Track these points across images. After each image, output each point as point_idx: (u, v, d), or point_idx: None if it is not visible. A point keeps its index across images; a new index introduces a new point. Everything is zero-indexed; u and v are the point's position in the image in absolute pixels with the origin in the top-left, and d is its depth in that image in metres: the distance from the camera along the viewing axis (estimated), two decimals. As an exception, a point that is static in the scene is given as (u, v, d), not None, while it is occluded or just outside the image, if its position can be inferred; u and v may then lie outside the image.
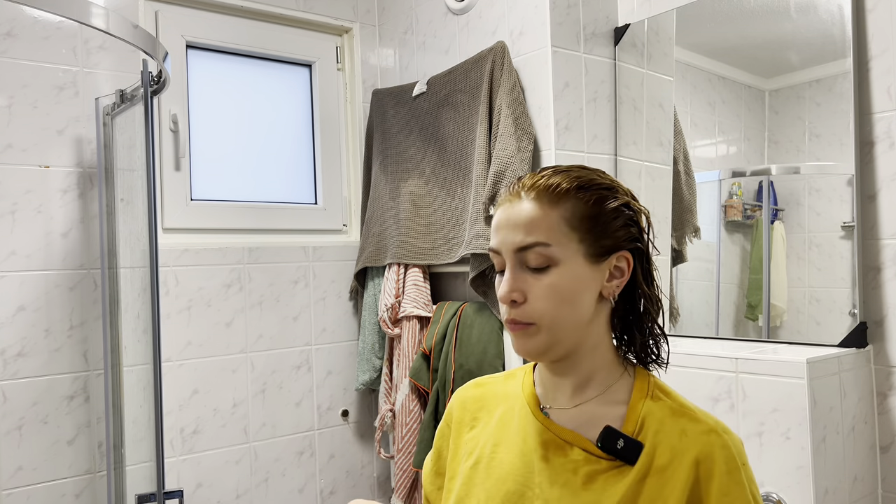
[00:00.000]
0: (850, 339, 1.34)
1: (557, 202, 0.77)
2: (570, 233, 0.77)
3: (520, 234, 0.77)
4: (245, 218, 2.07)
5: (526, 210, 0.78)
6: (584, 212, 0.77)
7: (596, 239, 0.77)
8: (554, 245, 0.76)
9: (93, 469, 1.77)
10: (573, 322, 0.77)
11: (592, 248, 0.77)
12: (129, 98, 1.71)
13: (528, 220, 0.77)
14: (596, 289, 0.78)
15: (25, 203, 1.70)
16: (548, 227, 0.76)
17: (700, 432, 0.75)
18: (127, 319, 1.75)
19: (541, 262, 0.76)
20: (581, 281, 0.77)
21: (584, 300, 0.78)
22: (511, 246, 0.78)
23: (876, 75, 1.34)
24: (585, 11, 1.72)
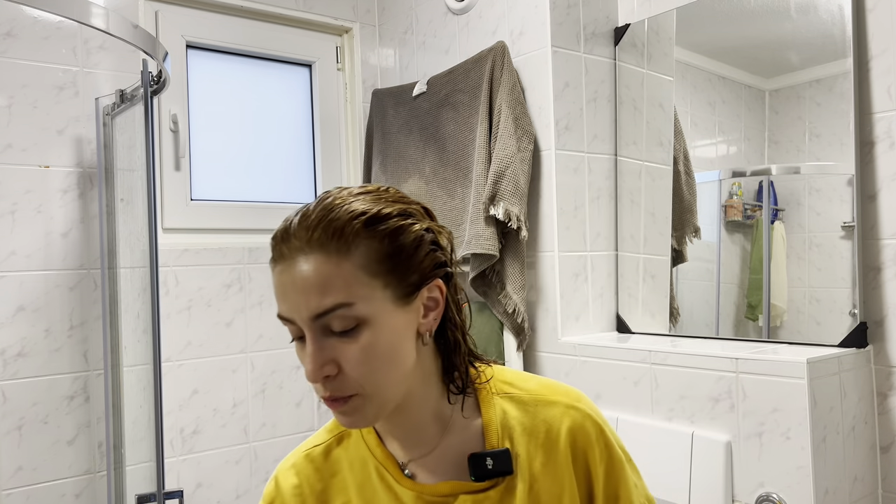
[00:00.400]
0: (851, 339, 1.34)
1: (347, 249, 0.65)
2: (371, 281, 0.65)
3: (313, 298, 0.64)
4: (245, 218, 2.07)
5: (312, 267, 0.64)
6: (382, 252, 0.66)
7: (402, 278, 0.67)
8: (357, 301, 0.65)
9: (93, 469, 1.77)
10: (399, 378, 0.69)
11: (400, 290, 0.67)
12: (129, 98, 1.71)
13: (317, 280, 0.64)
14: (413, 330, 0.70)
15: (25, 203, 1.70)
16: (344, 283, 0.64)
17: (561, 415, 0.75)
18: (127, 319, 1.75)
19: (347, 325, 0.65)
20: (397, 331, 0.68)
21: (404, 350, 0.69)
22: (306, 314, 0.65)
23: (876, 75, 1.34)
24: (585, 11, 1.72)
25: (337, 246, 0.65)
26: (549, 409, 0.75)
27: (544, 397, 0.76)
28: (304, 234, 0.66)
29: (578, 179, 1.70)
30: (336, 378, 0.66)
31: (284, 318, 0.68)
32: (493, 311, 1.76)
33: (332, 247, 0.65)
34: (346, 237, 0.65)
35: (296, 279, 0.65)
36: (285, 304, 0.67)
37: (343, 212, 0.66)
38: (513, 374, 0.80)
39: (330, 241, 0.65)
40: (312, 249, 0.65)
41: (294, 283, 0.65)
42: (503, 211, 1.63)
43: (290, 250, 0.66)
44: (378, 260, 0.66)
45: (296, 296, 0.65)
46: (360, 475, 0.77)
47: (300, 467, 0.79)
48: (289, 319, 0.67)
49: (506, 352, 1.75)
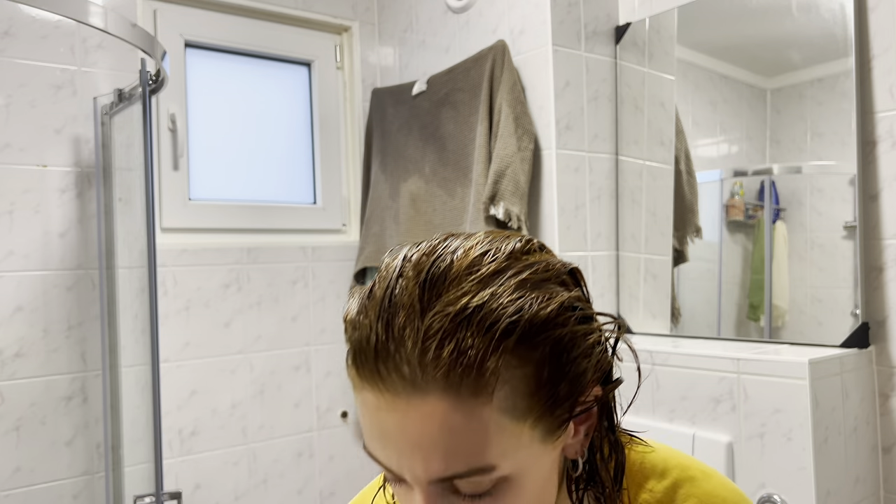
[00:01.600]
0: (853, 339, 1.33)
1: (490, 390, 0.43)
2: (517, 427, 0.45)
3: (434, 459, 0.44)
4: (244, 218, 2.06)
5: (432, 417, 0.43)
6: (537, 380, 0.45)
7: (557, 407, 0.47)
8: (500, 462, 0.45)
9: (91, 470, 1.76)
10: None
11: (552, 423, 0.47)
12: (127, 97, 1.71)
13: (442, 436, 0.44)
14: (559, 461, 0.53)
15: (23, 203, 1.69)
16: (483, 440, 0.44)
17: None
18: (125, 320, 1.74)
19: (481, 488, 0.46)
20: (543, 476, 0.49)
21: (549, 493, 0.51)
22: (423, 476, 0.45)
23: (878, 74, 1.34)
24: (586, 10, 1.72)
25: (473, 386, 0.43)
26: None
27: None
28: (419, 356, 0.43)
29: (579, 179, 1.70)
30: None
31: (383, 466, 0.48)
32: (493, 312, 1.75)
33: (466, 387, 0.43)
34: (486, 373, 0.43)
35: (407, 429, 0.44)
36: (386, 454, 0.47)
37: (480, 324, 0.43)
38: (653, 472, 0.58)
39: (463, 379, 0.43)
40: (433, 388, 0.43)
41: (404, 433, 0.44)
42: (503, 210, 1.62)
43: (392, 376, 0.44)
44: (529, 394, 0.45)
45: (407, 450, 0.45)
46: None
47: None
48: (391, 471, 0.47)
49: (506, 352, 1.75)
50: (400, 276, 0.46)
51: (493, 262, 0.46)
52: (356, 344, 0.46)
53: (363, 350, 0.45)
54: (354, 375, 0.47)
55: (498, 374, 0.43)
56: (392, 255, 0.48)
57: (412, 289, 0.45)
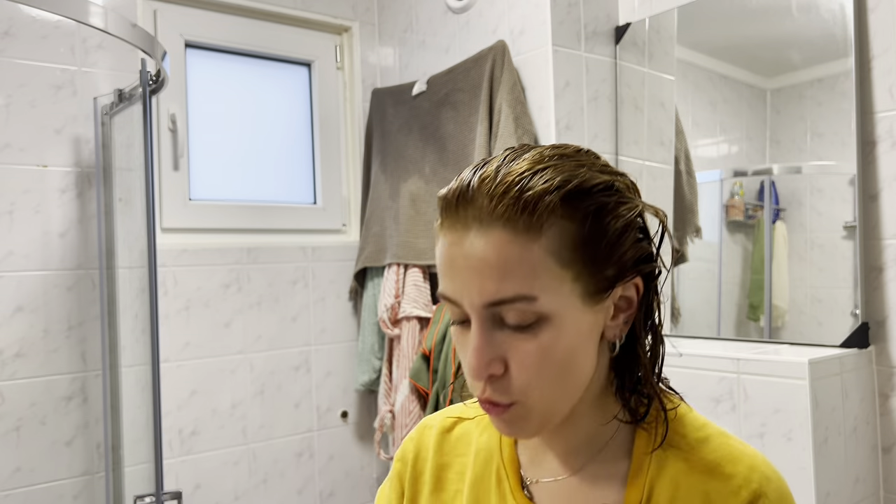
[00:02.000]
0: (852, 339, 1.34)
1: (539, 228, 0.53)
2: (560, 271, 0.54)
3: (490, 282, 0.53)
4: (244, 218, 2.06)
5: (492, 244, 0.53)
6: (579, 235, 0.54)
7: (597, 270, 0.55)
8: (542, 295, 0.53)
9: (91, 470, 1.76)
10: (572, 390, 0.58)
11: (592, 285, 0.55)
12: (127, 97, 1.71)
13: (498, 261, 0.53)
14: (598, 334, 0.58)
15: (23, 203, 1.69)
16: (530, 271, 0.53)
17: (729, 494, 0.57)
18: (125, 320, 1.74)
19: (525, 320, 0.54)
20: (580, 334, 0.56)
21: (584, 357, 0.58)
22: (478, 300, 0.54)
23: (878, 74, 1.34)
24: (586, 10, 1.72)
25: (526, 223, 0.53)
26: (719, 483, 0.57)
27: (719, 467, 0.58)
28: (486, 201, 0.54)
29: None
30: (501, 378, 0.56)
31: (448, 298, 0.57)
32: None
33: (521, 223, 0.53)
34: (538, 213, 0.53)
35: (470, 256, 0.54)
36: (453, 284, 0.56)
37: (537, 180, 0.53)
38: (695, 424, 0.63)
39: (518, 216, 0.53)
40: (495, 223, 0.53)
41: (467, 260, 0.54)
42: (503, 211, 1.62)
43: (466, 218, 0.55)
44: (573, 246, 0.54)
45: (468, 276, 0.54)
46: (480, 468, 0.67)
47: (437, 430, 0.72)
48: (453, 301, 0.57)
49: (506, 352, 1.75)
50: (483, 163, 0.57)
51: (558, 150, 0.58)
52: (445, 201, 0.57)
53: (450, 203, 0.56)
54: (439, 227, 0.58)
55: (547, 217, 0.53)
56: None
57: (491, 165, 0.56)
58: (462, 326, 0.58)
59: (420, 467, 0.71)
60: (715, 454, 0.59)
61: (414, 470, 0.72)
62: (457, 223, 0.55)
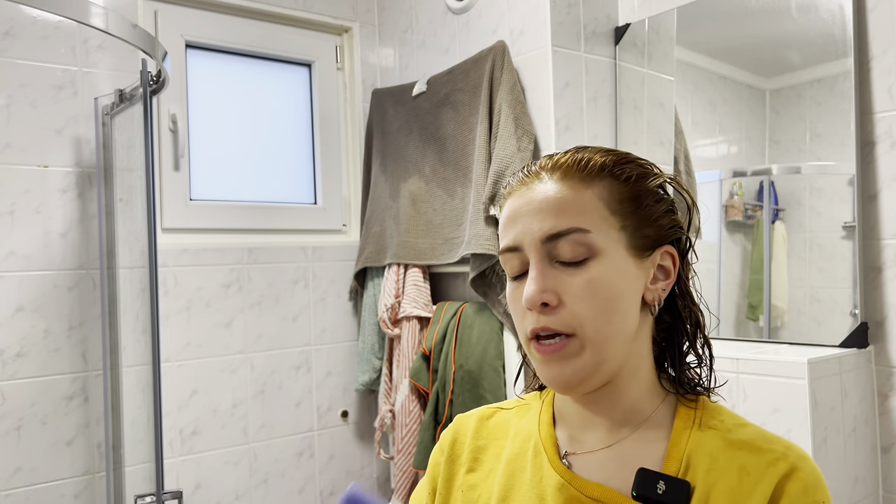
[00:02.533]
0: (852, 339, 1.34)
1: (591, 180, 0.64)
2: (609, 217, 0.63)
3: (549, 218, 0.62)
4: (244, 218, 2.06)
5: (552, 190, 0.63)
6: (624, 192, 0.64)
7: (639, 226, 0.64)
8: (593, 231, 0.62)
9: (92, 470, 1.77)
10: (620, 334, 0.62)
11: (635, 239, 0.64)
12: (128, 98, 1.71)
13: (557, 202, 0.62)
14: (639, 292, 0.64)
15: (24, 203, 1.70)
16: (583, 209, 0.62)
17: (765, 465, 0.60)
18: (126, 320, 1.75)
19: (578, 255, 0.61)
20: (625, 279, 0.63)
21: (629, 305, 0.63)
22: (538, 235, 0.62)
23: (877, 75, 1.34)
24: (586, 11, 1.72)
25: (581, 176, 0.64)
26: (753, 458, 0.61)
27: (753, 442, 0.62)
28: (552, 164, 0.65)
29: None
30: (555, 310, 0.61)
31: (509, 247, 0.65)
32: (493, 311, 1.75)
33: (577, 176, 0.64)
34: (591, 169, 0.64)
35: (532, 200, 0.64)
36: (515, 228, 0.64)
37: (591, 151, 0.66)
38: (730, 414, 0.67)
39: (575, 171, 0.64)
40: (555, 175, 0.64)
41: (530, 203, 0.64)
42: (503, 211, 1.62)
43: (534, 178, 0.65)
44: (620, 199, 0.64)
45: (530, 216, 0.63)
46: (517, 447, 0.71)
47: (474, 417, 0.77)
48: (514, 248, 0.64)
49: (506, 352, 1.75)
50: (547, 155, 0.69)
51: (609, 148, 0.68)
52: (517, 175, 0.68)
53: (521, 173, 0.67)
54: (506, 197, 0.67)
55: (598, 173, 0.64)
56: None
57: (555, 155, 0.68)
58: (517, 282, 0.65)
59: (458, 451, 0.75)
60: (752, 435, 0.63)
61: (452, 453, 0.75)
62: (521, 186, 0.66)
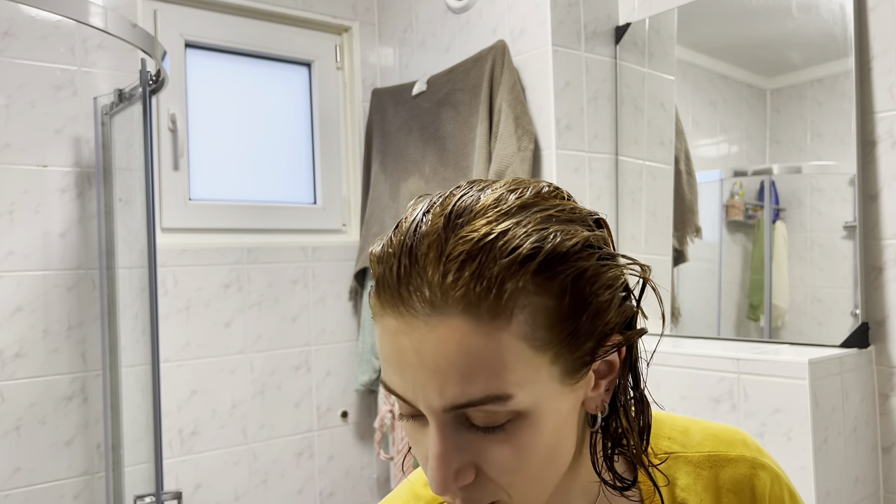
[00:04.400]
0: (852, 339, 1.34)
1: (509, 313, 0.43)
2: (535, 357, 0.44)
3: (450, 383, 0.43)
4: (244, 218, 2.06)
5: (450, 337, 0.43)
6: (557, 313, 0.45)
7: (577, 346, 0.46)
8: (517, 392, 0.44)
9: (91, 470, 1.76)
10: (555, 477, 0.50)
11: (571, 363, 0.46)
12: (127, 97, 1.71)
13: (459, 359, 0.43)
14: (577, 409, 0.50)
15: (23, 203, 1.69)
16: (500, 365, 0.43)
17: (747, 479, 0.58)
18: (125, 320, 1.74)
19: (495, 421, 0.45)
20: (562, 421, 0.48)
21: (567, 442, 0.50)
22: (437, 403, 0.44)
23: (878, 74, 1.34)
24: (586, 10, 1.72)
25: (492, 307, 0.42)
26: (733, 469, 0.58)
27: (720, 453, 0.58)
28: (438, 278, 0.43)
29: (579, 179, 1.70)
30: (474, 483, 0.47)
31: (397, 395, 0.47)
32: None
33: (485, 308, 0.42)
34: (506, 294, 0.43)
35: (423, 352, 0.43)
36: (402, 381, 0.45)
37: (500, 249, 0.43)
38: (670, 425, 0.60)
39: (482, 300, 0.42)
40: (452, 308, 0.42)
41: (421, 356, 0.43)
42: (503, 211, 1.62)
43: (413, 300, 0.44)
44: (549, 325, 0.44)
45: (424, 375, 0.44)
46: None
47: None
48: (404, 399, 0.46)
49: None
50: (427, 212, 0.46)
51: (520, 198, 0.47)
52: (380, 272, 0.46)
53: (387, 277, 0.45)
54: (376, 304, 0.47)
55: (517, 297, 0.43)
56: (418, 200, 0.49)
57: (437, 220, 0.45)
58: (415, 421, 0.48)
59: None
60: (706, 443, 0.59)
61: None
62: (400, 304, 0.44)
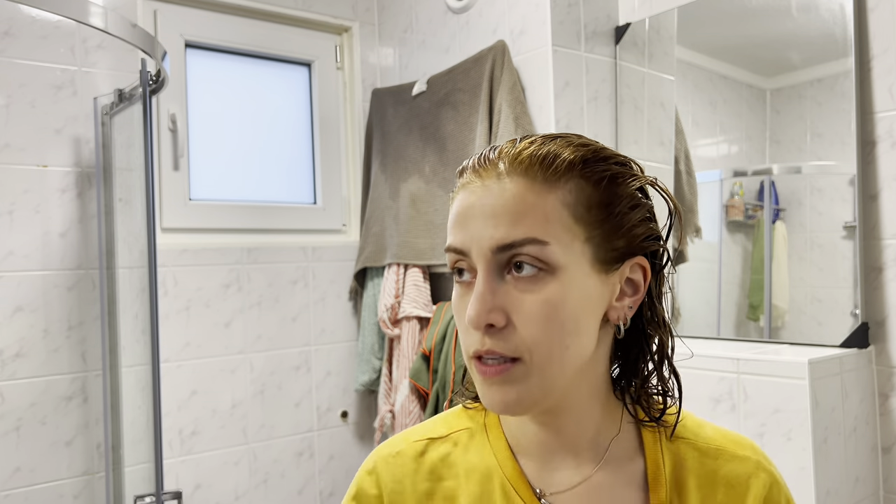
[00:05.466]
0: (852, 339, 1.34)
1: (556, 181, 0.53)
2: (573, 226, 0.53)
3: (502, 225, 0.52)
4: (244, 218, 2.06)
5: (509, 190, 0.53)
6: (594, 196, 0.54)
7: (608, 237, 0.55)
8: (553, 243, 0.52)
9: (91, 470, 1.76)
10: (575, 358, 0.55)
11: (602, 251, 0.54)
12: (127, 97, 1.71)
13: (513, 206, 0.52)
14: (602, 309, 0.56)
15: (23, 203, 1.69)
16: (543, 217, 0.52)
17: (747, 477, 0.60)
18: (125, 320, 1.74)
19: (533, 269, 0.53)
20: (587, 298, 0.54)
21: (588, 327, 0.55)
22: (488, 243, 0.53)
23: (878, 74, 1.34)
24: (586, 10, 1.72)
25: (545, 175, 0.53)
26: (736, 465, 0.60)
27: (728, 450, 0.61)
28: (510, 158, 0.54)
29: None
30: (501, 332, 0.53)
31: (456, 249, 0.55)
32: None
33: (540, 175, 0.53)
34: (557, 168, 0.53)
35: (485, 201, 0.53)
36: (462, 232, 0.54)
37: (559, 143, 0.55)
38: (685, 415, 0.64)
39: (538, 169, 0.53)
40: (514, 172, 0.54)
41: (482, 204, 0.53)
42: (503, 211, 1.62)
43: (487, 174, 0.55)
44: (587, 205, 0.54)
45: (481, 219, 0.53)
46: (477, 487, 0.61)
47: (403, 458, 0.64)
48: (460, 251, 0.54)
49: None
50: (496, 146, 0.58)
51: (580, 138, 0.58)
52: (467, 166, 0.57)
53: (474, 164, 0.56)
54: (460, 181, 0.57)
55: (566, 173, 0.54)
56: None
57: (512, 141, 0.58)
58: (463, 286, 0.56)
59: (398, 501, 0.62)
60: (718, 439, 0.62)
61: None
62: (476, 179, 0.55)
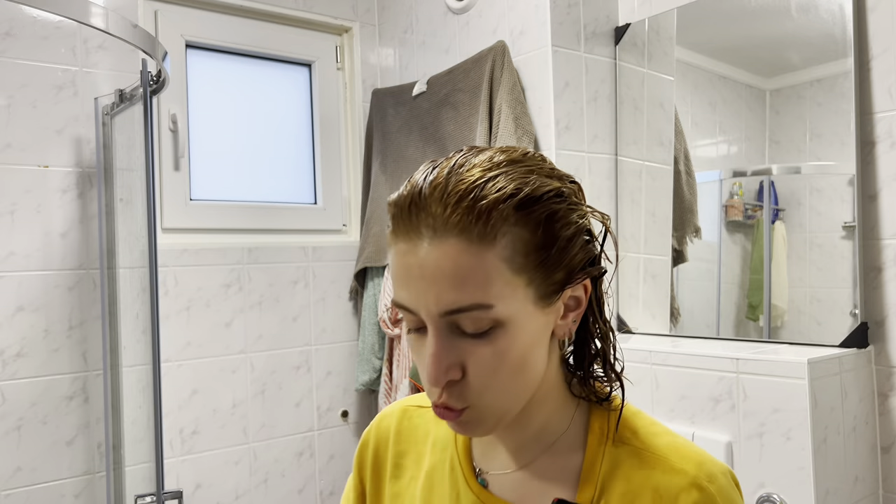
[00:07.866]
0: (852, 339, 1.34)
1: (493, 237, 0.54)
2: (513, 279, 0.55)
3: (446, 292, 0.54)
4: (244, 218, 2.06)
5: (448, 254, 0.54)
6: (531, 242, 0.56)
7: (548, 275, 0.57)
8: (497, 303, 0.55)
9: (92, 470, 1.77)
10: (524, 389, 0.60)
11: (543, 288, 0.57)
12: (128, 98, 1.71)
13: (454, 272, 0.54)
14: (549, 332, 0.60)
15: (24, 203, 1.70)
16: (485, 279, 0.54)
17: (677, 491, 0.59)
18: (126, 320, 1.75)
19: (481, 327, 0.56)
20: (534, 334, 0.58)
21: (537, 357, 0.60)
22: (435, 310, 0.55)
23: (877, 75, 1.34)
24: (586, 11, 1.72)
25: (480, 232, 0.54)
26: (670, 477, 0.60)
27: (668, 460, 0.61)
28: (440, 210, 0.54)
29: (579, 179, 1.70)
30: (458, 383, 0.57)
31: (403, 307, 0.58)
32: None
33: (475, 232, 0.54)
34: (492, 222, 0.54)
35: (426, 266, 0.55)
36: (408, 293, 0.57)
37: (490, 188, 0.55)
38: (645, 422, 0.65)
39: (473, 226, 0.54)
40: (449, 232, 0.54)
41: (423, 270, 0.55)
42: (503, 211, 1.62)
43: (419, 226, 0.55)
44: (525, 253, 0.55)
45: (424, 286, 0.55)
46: (436, 458, 0.70)
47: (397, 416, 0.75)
48: (409, 310, 0.57)
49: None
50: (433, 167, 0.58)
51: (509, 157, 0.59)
52: (395, 211, 0.58)
53: (402, 210, 0.57)
54: (390, 235, 0.58)
55: (501, 226, 0.54)
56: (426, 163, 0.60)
57: (441, 170, 0.57)
58: (418, 334, 0.59)
59: (382, 455, 0.74)
60: (665, 449, 0.62)
61: (376, 458, 0.75)
62: (410, 231, 0.56)
